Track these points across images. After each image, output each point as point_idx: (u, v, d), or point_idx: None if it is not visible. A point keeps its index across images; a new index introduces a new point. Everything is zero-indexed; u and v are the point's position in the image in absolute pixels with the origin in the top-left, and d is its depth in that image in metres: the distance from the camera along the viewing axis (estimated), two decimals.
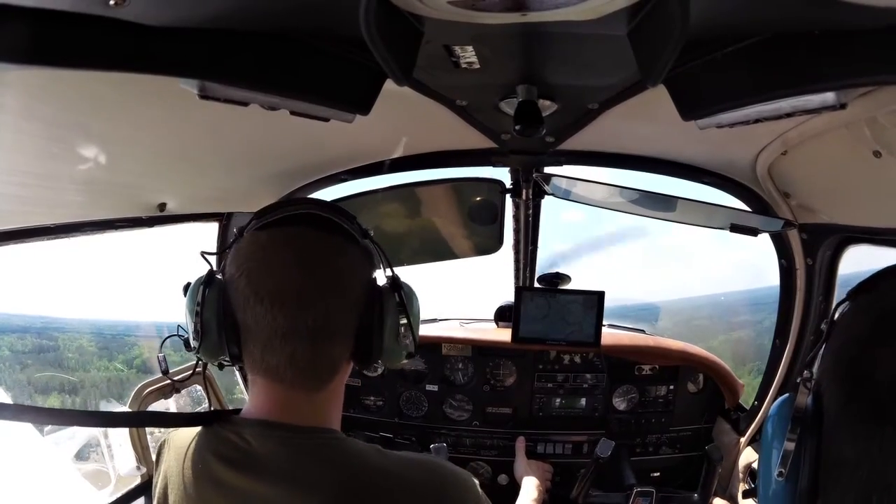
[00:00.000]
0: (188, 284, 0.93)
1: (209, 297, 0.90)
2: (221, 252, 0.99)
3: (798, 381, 0.75)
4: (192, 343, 0.92)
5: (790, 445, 0.73)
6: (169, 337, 1.00)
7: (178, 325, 0.99)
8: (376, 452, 0.90)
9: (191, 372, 2.06)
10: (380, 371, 2.39)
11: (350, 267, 0.91)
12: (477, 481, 0.95)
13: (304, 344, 0.85)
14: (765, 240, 1.96)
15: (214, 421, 0.93)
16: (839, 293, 1.80)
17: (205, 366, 1.03)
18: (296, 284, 0.85)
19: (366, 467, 0.86)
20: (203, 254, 0.98)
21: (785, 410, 0.78)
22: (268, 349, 0.86)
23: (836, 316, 0.75)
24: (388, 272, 0.97)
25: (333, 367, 0.92)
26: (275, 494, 0.83)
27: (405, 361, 0.99)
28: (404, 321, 0.94)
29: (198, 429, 0.93)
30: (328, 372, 0.91)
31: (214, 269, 0.92)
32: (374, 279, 0.95)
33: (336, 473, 0.84)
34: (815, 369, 0.75)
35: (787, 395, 0.80)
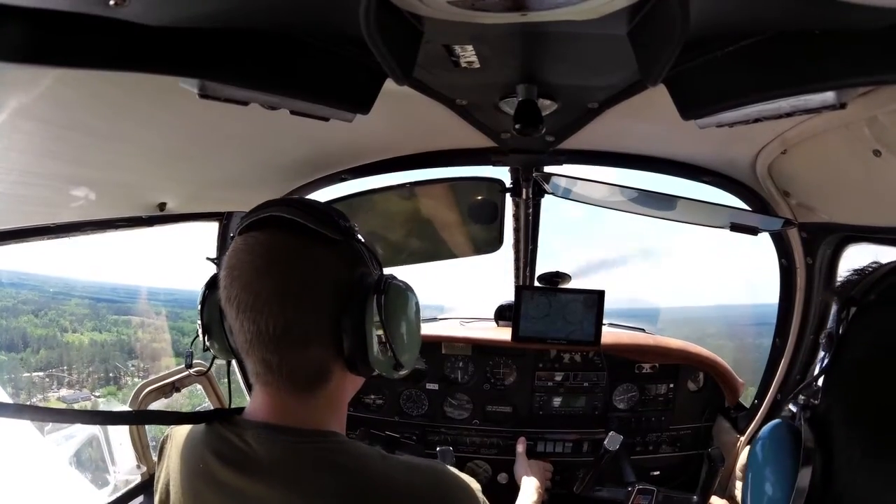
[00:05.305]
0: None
1: (208, 300, 0.96)
2: (219, 256, 0.99)
3: (794, 407, 0.72)
4: (203, 341, 0.98)
5: (788, 479, 0.67)
6: (197, 336, 1.02)
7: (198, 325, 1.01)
8: (379, 457, 0.89)
9: (188, 371, 2.07)
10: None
11: (313, 269, 0.86)
12: (479, 487, 0.94)
13: (269, 349, 0.84)
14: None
15: (216, 420, 0.93)
16: None
17: (228, 364, 1.08)
18: (254, 290, 0.83)
19: (368, 472, 0.86)
20: (210, 258, 0.99)
21: (778, 435, 0.73)
22: (245, 354, 0.88)
23: (841, 332, 0.69)
24: (375, 274, 0.92)
25: (318, 374, 0.89)
26: (275, 497, 0.82)
27: (402, 373, 0.92)
28: (383, 330, 0.87)
29: (200, 426, 0.94)
30: (311, 377, 0.88)
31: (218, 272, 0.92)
32: (356, 280, 0.89)
33: (338, 478, 0.84)
34: (816, 386, 0.70)
35: (778, 420, 0.76)
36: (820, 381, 0.70)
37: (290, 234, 0.86)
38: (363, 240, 0.93)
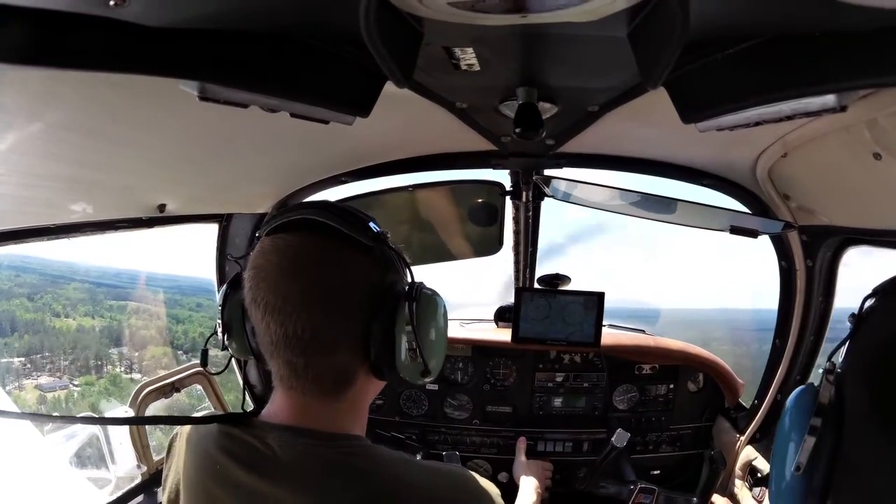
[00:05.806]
0: None
1: (229, 299, 0.95)
2: (219, 255, 0.99)
3: (821, 371, 0.78)
4: (222, 340, 0.98)
5: (811, 440, 0.76)
6: (213, 334, 1.01)
7: (217, 323, 1.00)
8: (401, 461, 0.88)
9: (191, 371, 2.07)
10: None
11: (344, 274, 0.85)
12: (499, 492, 0.93)
13: (296, 353, 0.84)
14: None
15: (232, 423, 0.91)
16: (838, 295, 1.81)
17: (243, 363, 1.07)
18: (282, 293, 0.82)
19: (387, 476, 0.85)
20: (231, 256, 0.98)
21: (804, 402, 0.81)
22: (269, 356, 0.87)
23: (864, 312, 0.79)
24: (408, 280, 0.92)
25: (344, 378, 0.88)
26: (292, 499, 0.82)
27: (427, 379, 0.91)
28: (414, 337, 0.87)
29: (210, 426, 0.92)
30: (337, 382, 0.88)
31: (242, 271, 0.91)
32: (387, 287, 0.88)
33: (358, 482, 0.83)
34: (837, 361, 0.77)
35: (805, 385, 0.82)
36: (843, 350, 0.82)
37: (322, 238, 0.85)
38: (395, 246, 0.92)
